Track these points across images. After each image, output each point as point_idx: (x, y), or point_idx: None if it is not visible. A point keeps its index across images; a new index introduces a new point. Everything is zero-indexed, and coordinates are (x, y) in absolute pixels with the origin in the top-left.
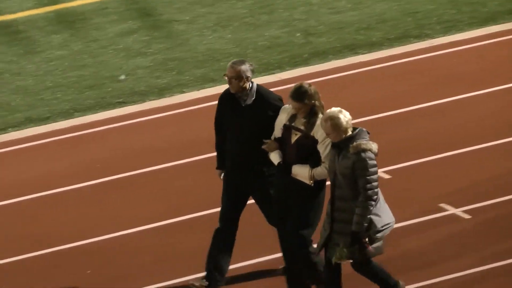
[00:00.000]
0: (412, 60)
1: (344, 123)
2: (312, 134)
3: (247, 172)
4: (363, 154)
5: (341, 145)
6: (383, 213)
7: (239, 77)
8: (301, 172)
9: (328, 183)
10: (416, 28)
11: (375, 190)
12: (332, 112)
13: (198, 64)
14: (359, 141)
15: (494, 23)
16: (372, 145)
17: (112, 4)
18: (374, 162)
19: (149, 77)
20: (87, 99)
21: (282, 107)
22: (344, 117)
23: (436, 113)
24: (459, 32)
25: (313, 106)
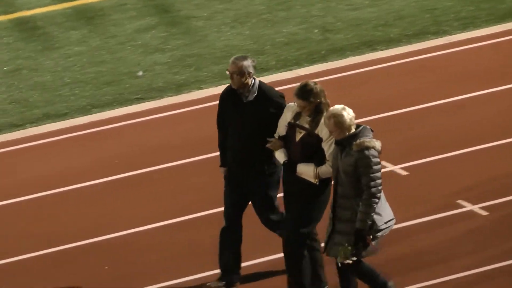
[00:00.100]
0: (429, 57)
1: (347, 121)
2: (316, 132)
3: (248, 169)
4: (366, 151)
5: (344, 142)
6: (384, 212)
7: (241, 72)
8: (306, 171)
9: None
10: (434, 25)
11: (379, 188)
12: (335, 110)
13: (216, 60)
14: (362, 139)
15: (511, 19)
16: (376, 143)
17: (130, 0)
18: (378, 159)
19: (167, 73)
20: (105, 95)
21: (287, 105)
22: (348, 114)
23: (454, 109)
24: (476, 29)
25: (318, 104)
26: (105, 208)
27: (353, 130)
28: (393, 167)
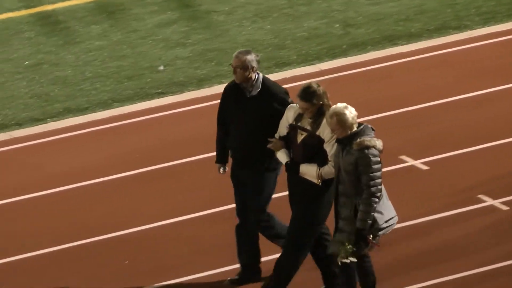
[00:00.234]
0: (450, 52)
1: (349, 119)
2: (318, 133)
3: (250, 166)
4: (366, 150)
5: (345, 141)
6: (386, 211)
7: (244, 67)
8: (309, 171)
9: None
10: (455, 20)
11: (379, 187)
12: (337, 108)
13: None
14: (363, 138)
15: None
16: (377, 142)
17: None
18: (378, 159)
19: (188, 68)
20: (126, 90)
21: (288, 106)
22: (350, 113)
23: (474, 104)
24: (497, 24)
25: (321, 106)
26: (126, 203)
27: (355, 128)
28: (413, 162)
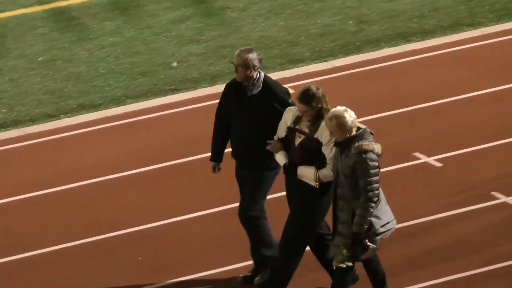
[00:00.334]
0: (464, 49)
1: (349, 122)
2: (316, 136)
3: (251, 164)
4: (364, 155)
5: (344, 144)
6: (383, 215)
7: (246, 65)
8: (307, 174)
9: None
10: (469, 16)
11: (376, 192)
12: (337, 111)
13: None
14: (361, 142)
15: None
16: (375, 146)
17: None
18: (376, 163)
19: (201, 64)
20: (139, 86)
21: (287, 108)
22: (349, 116)
23: (488, 101)
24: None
25: (320, 109)
26: (138, 199)
27: (354, 132)
28: (427, 159)
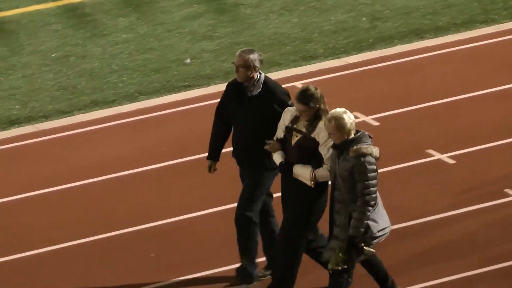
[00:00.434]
0: (478, 45)
1: (348, 124)
2: (313, 135)
3: (251, 164)
4: (362, 158)
5: (342, 147)
6: (380, 219)
7: (247, 66)
8: (303, 173)
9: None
10: (482, 13)
11: (373, 196)
12: (336, 113)
13: (264, 48)
14: (360, 145)
15: None
16: (373, 150)
17: None
18: (374, 167)
19: (214, 61)
20: (152, 83)
21: (286, 109)
22: (349, 118)
23: (501, 98)
24: None
25: (317, 110)
26: (151, 196)
27: (352, 135)
28: (440, 156)
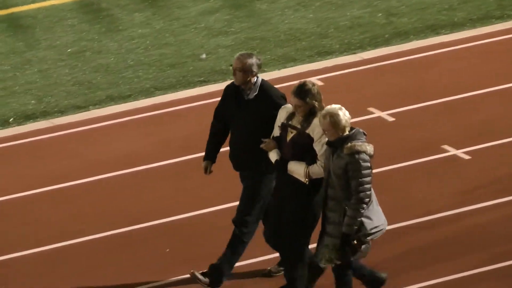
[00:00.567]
0: (494, 41)
1: (342, 121)
2: (308, 132)
3: (249, 167)
4: (357, 155)
5: (336, 144)
6: (375, 216)
7: (244, 69)
8: (297, 169)
9: None
10: (498, 9)
11: (367, 193)
12: (332, 109)
13: (279, 43)
14: (354, 142)
15: None
16: (367, 147)
17: None
18: (368, 164)
19: (230, 56)
20: (168, 78)
21: (282, 106)
22: (344, 115)
23: None
24: None
25: (313, 106)
26: (167, 191)
27: (347, 132)
28: (455, 151)
